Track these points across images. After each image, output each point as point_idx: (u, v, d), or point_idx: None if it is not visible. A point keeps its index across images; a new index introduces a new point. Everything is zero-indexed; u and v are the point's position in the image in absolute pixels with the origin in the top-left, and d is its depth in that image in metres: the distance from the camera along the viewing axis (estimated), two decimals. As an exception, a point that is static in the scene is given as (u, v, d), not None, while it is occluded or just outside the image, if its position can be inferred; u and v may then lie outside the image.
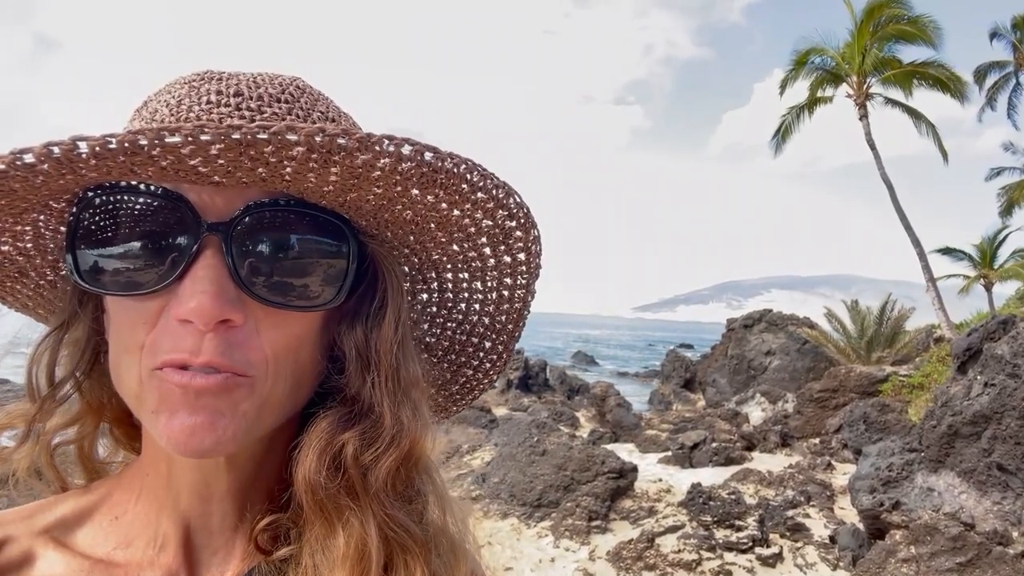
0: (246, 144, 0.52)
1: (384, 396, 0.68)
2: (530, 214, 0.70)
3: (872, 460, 7.13)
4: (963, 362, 6.82)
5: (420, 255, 0.76)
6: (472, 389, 0.92)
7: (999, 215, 28.79)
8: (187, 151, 0.52)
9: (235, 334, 0.60)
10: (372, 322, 0.70)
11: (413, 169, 0.58)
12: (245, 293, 0.61)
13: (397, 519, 0.68)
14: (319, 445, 0.66)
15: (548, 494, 8.59)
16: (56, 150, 0.51)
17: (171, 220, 0.60)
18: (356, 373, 0.69)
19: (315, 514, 0.66)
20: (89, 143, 0.50)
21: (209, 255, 0.60)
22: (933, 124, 22.27)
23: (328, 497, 0.65)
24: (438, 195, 0.62)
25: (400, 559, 0.67)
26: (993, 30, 27.08)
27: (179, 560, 0.69)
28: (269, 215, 0.62)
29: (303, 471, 0.65)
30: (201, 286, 0.58)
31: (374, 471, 0.67)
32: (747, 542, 7.45)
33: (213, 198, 0.61)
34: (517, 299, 0.79)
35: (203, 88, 0.67)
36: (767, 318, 21.52)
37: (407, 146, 0.56)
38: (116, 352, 0.65)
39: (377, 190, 0.60)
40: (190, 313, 0.58)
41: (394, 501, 0.68)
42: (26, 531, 0.67)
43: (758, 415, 16.07)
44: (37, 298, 0.79)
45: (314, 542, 0.66)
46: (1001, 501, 5.89)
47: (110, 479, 0.76)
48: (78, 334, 0.72)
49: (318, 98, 0.72)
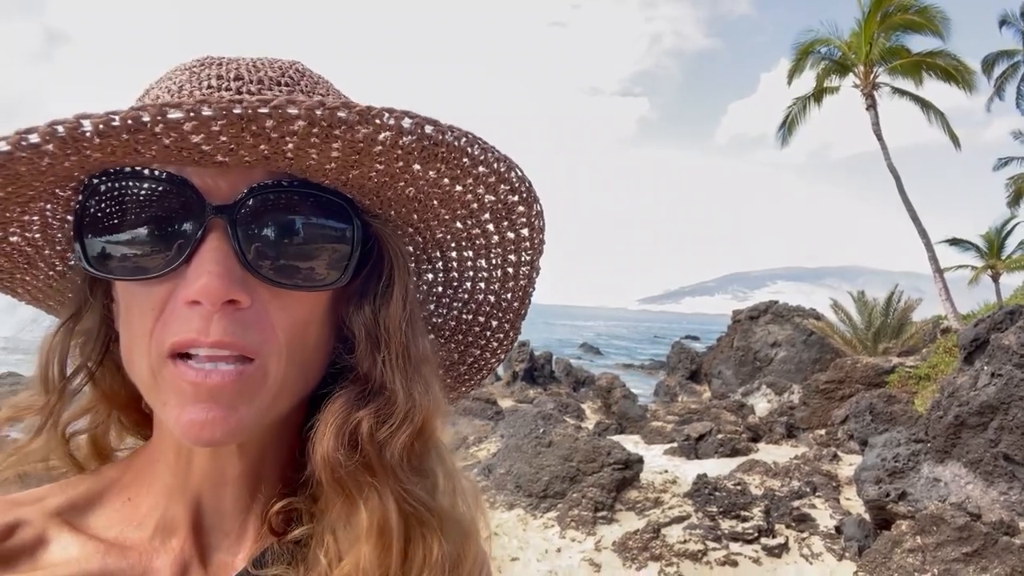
0: (247, 119, 0.52)
1: (396, 373, 0.69)
2: (532, 188, 0.70)
3: (878, 451, 7.13)
4: (970, 353, 6.80)
5: (424, 234, 0.76)
6: (480, 369, 0.92)
7: (1007, 205, 28.63)
8: (189, 127, 0.52)
9: (243, 315, 0.61)
10: (380, 301, 0.70)
11: (414, 143, 0.58)
12: (251, 274, 0.61)
13: (414, 493, 0.69)
14: (336, 424, 0.67)
15: (554, 485, 8.61)
16: (60, 129, 0.51)
17: (176, 204, 0.60)
18: (366, 352, 0.70)
19: (335, 491, 0.67)
20: (92, 120, 0.51)
21: (215, 238, 0.60)
22: (942, 112, 22.11)
23: (348, 474, 0.66)
24: (440, 170, 0.62)
25: (418, 532, 0.68)
26: (1002, 17, 26.82)
27: (190, 542, 0.69)
28: (273, 196, 0.62)
29: (321, 450, 0.66)
30: (208, 267, 0.59)
31: (389, 447, 0.67)
32: (753, 533, 7.45)
33: (217, 181, 0.61)
34: (522, 276, 0.80)
35: (203, 73, 0.67)
36: (773, 310, 21.47)
37: (407, 119, 0.56)
38: (127, 339, 0.65)
39: (379, 166, 0.60)
40: (197, 293, 0.58)
41: (410, 476, 0.69)
42: (39, 514, 0.68)
43: (764, 406, 16.06)
44: (47, 289, 0.79)
45: (334, 519, 0.67)
46: (1008, 491, 5.88)
47: (120, 463, 0.76)
48: (89, 324, 0.73)
49: (318, 81, 0.73)
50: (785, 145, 24.61)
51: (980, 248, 26.05)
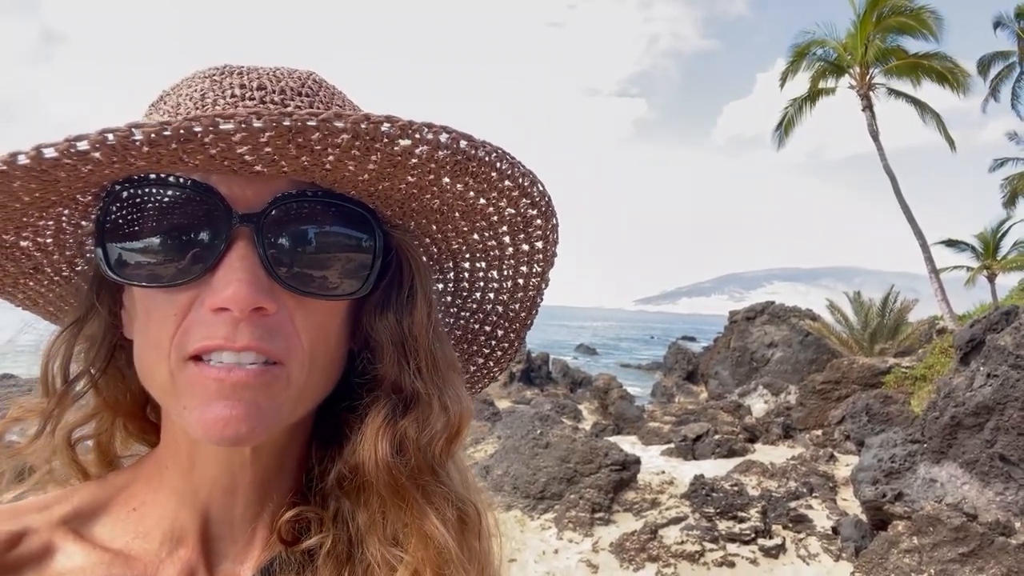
0: (295, 131, 0.53)
1: (428, 383, 0.71)
2: (551, 203, 0.71)
3: (874, 451, 7.15)
4: (966, 353, 6.82)
5: (440, 244, 0.77)
6: (483, 377, 0.93)
7: (1003, 206, 28.69)
8: (238, 138, 0.52)
9: (269, 321, 0.61)
10: (404, 310, 0.72)
11: (448, 157, 0.59)
12: (277, 283, 0.62)
13: (459, 494, 0.72)
14: (387, 433, 0.69)
15: (551, 486, 8.61)
16: (111, 137, 0.51)
17: (202, 212, 0.61)
18: (394, 361, 0.71)
19: (392, 496, 0.69)
20: (145, 130, 0.51)
21: (242, 246, 0.61)
22: (938, 114, 22.17)
23: (408, 478, 0.68)
24: (467, 183, 0.64)
25: (469, 529, 0.72)
26: (997, 19, 26.89)
27: (197, 552, 0.69)
28: (298, 206, 0.63)
29: (377, 458, 0.68)
30: (236, 275, 0.59)
31: (432, 452, 0.70)
32: (750, 533, 7.47)
33: (244, 190, 0.61)
34: (532, 287, 0.81)
35: (225, 82, 0.68)
36: (769, 310, 21.51)
37: (444, 134, 0.57)
38: (143, 346, 0.65)
39: (411, 179, 0.61)
40: (226, 300, 0.59)
41: (450, 477, 0.72)
42: (44, 523, 0.67)
43: (761, 407, 16.08)
44: (48, 295, 0.79)
45: (385, 523, 0.70)
46: (1004, 492, 5.90)
47: (127, 470, 0.76)
48: (94, 330, 0.72)
49: (334, 92, 0.73)
50: (782, 147, 24.66)
51: (976, 249, 26.12)
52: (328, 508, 0.72)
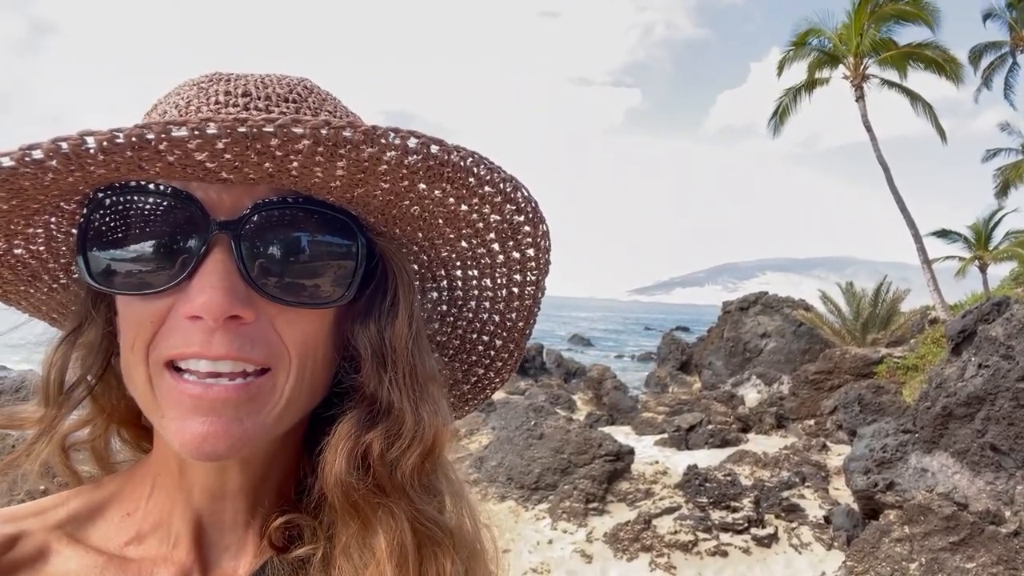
0: (252, 137, 0.52)
1: (403, 394, 0.69)
2: (538, 209, 0.69)
3: (867, 441, 7.19)
4: (957, 344, 6.86)
5: (429, 252, 0.75)
6: (484, 388, 0.91)
7: (995, 196, 28.84)
8: (193, 145, 0.51)
9: (247, 330, 0.60)
10: (385, 320, 0.70)
11: (419, 162, 0.57)
12: (255, 291, 0.61)
13: (426, 513, 0.69)
14: (347, 446, 0.67)
15: (546, 477, 8.64)
16: (64, 145, 0.50)
17: (180, 219, 0.60)
18: (372, 372, 0.69)
19: (349, 514, 0.67)
20: (96, 137, 0.50)
21: (218, 253, 0.60)
22: (930, 104, 22.22)
23: (362, 497, 0.66)
24: (445, 189, 0.62)
25: (431, 552, 0.69)
26: (987, 10, 26.91)
27: (191, 556, 0.69)
28: (278, 213, 0.62)
29: (334, 473, 0.66)
30: (210, 282, 0.58)
31: (400, 468, 0.68)
32: (743, 523, 7.52)
33: (221, 196, 0.61)
34: (527, 296, 0.79)
35: (211, 89, 0.67)
36: (763, 300, 21.58)
37: (413, 139, 0.56)
38: (124, 352, 0.65)
39: (384, 184, 0.60)
40: (199, 308, 0.58)
41: (421, 496, 0.70)
42: (40, 526, 0.67)
43: (754, 397, 16.17)
44: (50, 302, 0.79)
45: (349, 541, 0.68)
46: (994, 481, 5.95)
47: (121, 475, 0.76)
48: (91, 337, 0.72)
49: (326, 98, 0.72)
50: (777, 136, 24.67)
51: (968, 239, 26.26)
52: (320, 517, 0.71)
